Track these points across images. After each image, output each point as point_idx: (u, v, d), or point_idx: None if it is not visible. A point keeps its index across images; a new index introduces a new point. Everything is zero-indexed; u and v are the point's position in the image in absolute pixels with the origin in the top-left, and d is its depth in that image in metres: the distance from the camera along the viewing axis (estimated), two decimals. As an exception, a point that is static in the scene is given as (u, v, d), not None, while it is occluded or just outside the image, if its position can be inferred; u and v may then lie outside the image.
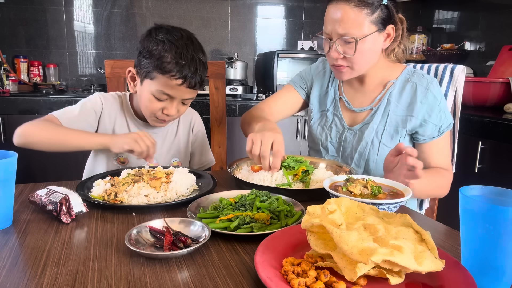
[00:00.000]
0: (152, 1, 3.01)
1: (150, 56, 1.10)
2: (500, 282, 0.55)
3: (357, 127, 1.23)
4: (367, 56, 1.13)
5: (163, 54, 1.09)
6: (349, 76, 1.17)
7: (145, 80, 1.14)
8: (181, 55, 1.09)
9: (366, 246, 0.51)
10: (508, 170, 1.84)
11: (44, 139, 1.09)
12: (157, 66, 1.09)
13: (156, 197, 0.91)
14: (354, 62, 1.12)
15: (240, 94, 2.82)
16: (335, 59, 1.13)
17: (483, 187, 0.60)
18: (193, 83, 1.12)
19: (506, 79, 2.16)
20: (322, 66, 1.38)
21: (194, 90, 1.16)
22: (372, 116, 1.21)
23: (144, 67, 1.12)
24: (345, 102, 1.27)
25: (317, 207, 0.63)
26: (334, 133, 1.28)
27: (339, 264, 0.54)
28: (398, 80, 1.20)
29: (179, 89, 1.12)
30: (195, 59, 1.11)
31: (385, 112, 1.19)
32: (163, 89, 1.11)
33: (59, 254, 0.66)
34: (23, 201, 0.92)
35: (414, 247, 0.53)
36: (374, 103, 1.22)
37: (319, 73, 1.36)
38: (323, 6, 1.12)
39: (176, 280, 0.59)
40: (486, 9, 2.68)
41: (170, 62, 1.08)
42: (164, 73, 1.09)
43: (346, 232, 0.53)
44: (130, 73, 1.20)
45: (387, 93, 1.20)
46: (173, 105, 1.15)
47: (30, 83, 2.80)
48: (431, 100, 1.15)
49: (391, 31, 1.14)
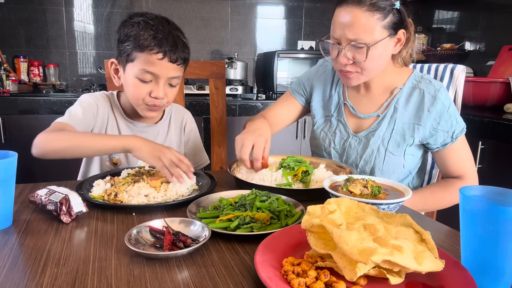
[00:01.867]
0: (152, 1, 3.01)
1: (128, 39, 1.09)
2: (500, 282, 0.55)
3: (363, 134, 1.20)
4: (377, 62, 1.09)
5: (140, 33, 1.08)
6: (357, 82, 1.14)
7: (127, 65, 1.12)
8: (158, 31, 1.09)
9: (366, 246, 0.51)
10: (508, 170, 1.84)
11: (64, 147, 1.03)
12: (136, 45, 1.08)
13: (156, 197, 0.91)
14: (363, 68, 1.09)
15: (240, 94, 2.82)
16: (344, 65, 1.09)
17: (483, 187, 0.60)
18: (175, 58, 1.10)
19: (506, 79, 2.16)
20: (323, 69, 1.34)
21: (177, 67, 1.13)
22: (379, 124, 1.18)
23: (124, 52, 1.11)
24: (350, 107, 1.24)
25: (317, 207, 0.63)
26: (338, 139, 1.25)
27: (339, 264, 0.54)
28: (405, 87, 1.17)
29: (161, 65, 1.09)
30: (172, 34, 1.11)
31: (391, 120, 1.17)
32: (145, 67, 1.09)
33: (59, 254, 0.66)
34: (23, 201, 0.92)
35: (414, 247, 0.53)
36: (381, 110, 1.19)
37: (320, 77, 1.33)
38: (323, 6, 1.12)
39: (176, 280, 0.58)
40: (486, 9, 2.68)
41: (147, 38, 1.07)
42: (143, 50, 1.07)
43: (346, 232, 0.53)
44: (112, 65, 1.18)
45: (394, 100, 1.17)
46: (159, 85, 1.12)
47: (30, 83, 2.80)
48: (440, 108, 1.12)
49: (401, 36, 1.09)
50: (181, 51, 1.11)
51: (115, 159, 1.24)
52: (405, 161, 1.17)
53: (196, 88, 2.70)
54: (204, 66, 1.59)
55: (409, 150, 1.17)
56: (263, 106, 2.63)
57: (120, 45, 1.12)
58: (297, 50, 3.18)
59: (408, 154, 1.17)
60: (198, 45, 3.13)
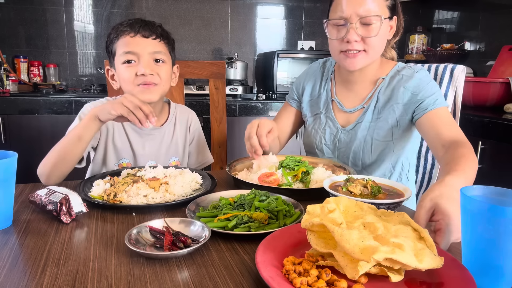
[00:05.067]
0: (152, 1, 3.01)
1: (109, 37, 1.20)
2: (500, 282, 0.55)
3: (350, 127, 1.23)
4: (382, 41, 1.12)
5: (116, 28, 1.19)
6: (362, 63, 1.13)
7: (114, 61, 1.20)
8: (130, 20, 1.20)
9: (368, 244, 0.51)
10: (508, 170, 1.84)
11: (55, 161, 1.02)
12: (114, 36, 1.18)
13: (155, 197, 0.91)
14: (371, 45, 1.10)
15: (240, 94, 2.82)
16: (351, 43, 1.08)
17: (483, 187, 0.60)
18: (147, 33, 1.16)
19: (506, 79, 2.16)
20: (318, 67, 1.36)
21: (155, 41, 1.18)
22: (364, 115, 1.20)
23: (110, 52, 1.21)
24: (337, 103, 1.26)
25: (316, 206, 0.63)
26: (328, 135, 1.27)
27: (341, 262, 0.54)
28: (388, 76, 1.20)
29: (137, 42, 1.15)
30: (143, 19, 1.21)
31: (375, 109, 1.19)
32: (123, 49, 1.15)
33: (59, 254, 0.66)
34: (23, 201, 0.92)
35: (414, 244, 0.54)
36: (365, 101, 1.21)
37: (312, 75, 1.35)
38: (323, 6, 1.13)
39: (176, 280, 0.58)
40: (486, 9, 2.68)
41: (122, 27, 1.17)
42: (120, 35, 1.17)
43: (347, 231, 0.54)
44: (108, 72, 1.26)
45: (377, 90, 1.20)
46: (142, 62, 1.15)
47: (30, 83, 2.80)
48: (416, 82, 1.13)
49: (394, 23, 1.14)
50: (152, 27, 1.19)
51: (124, 163, 1.24)
52: (394, 146, 1.18)
53: (196, 88, 2.70)
54: (204, 66, 1.59)
55: (396, 133, 1.18)
56: (263, 106, 2.63)
57: (107, 50, 1.22)
58: (297, 50, 3.18)
59: (396, 139, 1.18)
60: (198, 45, 3.13)
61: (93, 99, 1.31)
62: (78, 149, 1.04)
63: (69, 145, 1.04)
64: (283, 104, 1.43)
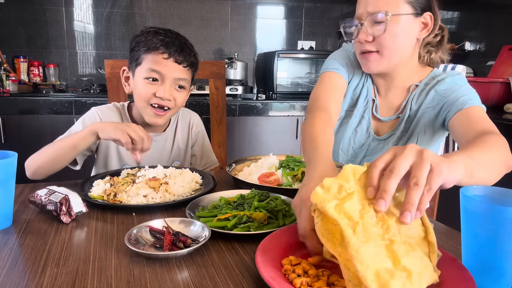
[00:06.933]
0: (152, 1, 3.01)
1: (138, 44, 1.15)
2: (500, 282, 0.55)
3: (384, 136, 1.14)
4: (399, 40, 1.00)
5: (149, 37, 1.14)
6: (377, 66, 1.05)
7: (136, 69, 1.17)
8: (166, 36, 1.15)
9: (380, 267, 0.49)
10: (508, 170, 1.83)
11: (46, 159, 1.05)
12: (145, 48, 1.14)
13: (155, 197, 0.91)
14: (383, 45, 1.00)
15: (240, 94, 2.82)
16: (363, 43, 1.02)
17: (484, 187, 0.60)
18: (180, 59, 1.14)
19: (506, 79, 2.16)
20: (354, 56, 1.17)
21: (184, 69, 1.16)
22: (399, 126, 1.12)
23: (134, 58, 1.17)
24: (376, 107, 1.16)
25: (334, 183, 0.54)
26: (359, 138, 1.17)
27: (345, 275, 0.51)
28: (422, 83, 1.10)
29: (167, 65, 1.13)
30: (179, 39, 1.17)
31: (408, 119, 1.11)
32: (151, 66, 1.13)
33: (59, 254, 0.66)
34: (23, 201, 0.92)
35: (421, 261, 0.52)
36: (400, 110, 1.13)
37: (357, 64, 1.17)
38: (323, 6, 1.12)
39: (176, 280, 0.58)
40: (486, 9, 2.68)
41: (155, 41, 1.13)
42: (150, 50, 1.13)
43: (363, 247, 0.50)
44: (124, 72, 1.23)
45: (411, 97, 1.11)
46: (165, 85, 1.14)
47: (30, 83, 2.80)
48: (449, 85, 1.04)
49: (429, 20, 1.01)
50: (187, 54, 1.16)
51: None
52: None
53: (196, 88, 2.70)
54: (204, 66, 1.59)
55: (421, 140, 1.10)
56: (263, 106, 2.63)
57: (132, 53, 1.18)
58: (297, 50, 3.18)
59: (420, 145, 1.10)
60: (198, 45, 3.13)
61: (93, 99, 1.31)
62: (70, 156, 1.06)
63: (62, 150, 1.05)
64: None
